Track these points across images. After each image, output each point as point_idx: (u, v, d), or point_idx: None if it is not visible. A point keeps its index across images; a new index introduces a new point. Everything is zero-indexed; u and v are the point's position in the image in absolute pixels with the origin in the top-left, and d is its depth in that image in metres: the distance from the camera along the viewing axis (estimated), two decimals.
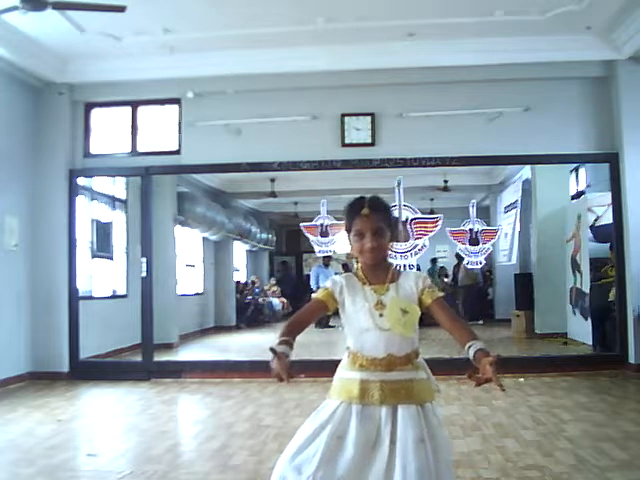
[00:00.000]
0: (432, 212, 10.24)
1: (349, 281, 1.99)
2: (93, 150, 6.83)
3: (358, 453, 1.82)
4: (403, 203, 7.50)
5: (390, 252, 2.04)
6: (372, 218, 1.94)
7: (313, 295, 2.02)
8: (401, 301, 1.93)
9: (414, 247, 7.48)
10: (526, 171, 9.56)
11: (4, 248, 6.07)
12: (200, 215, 10.47)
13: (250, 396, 5.49)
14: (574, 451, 3.51)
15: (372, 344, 1.91)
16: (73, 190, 6.66)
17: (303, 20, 5.60)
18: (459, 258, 12.97)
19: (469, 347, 1.82)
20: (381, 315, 1.91)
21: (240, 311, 12.65)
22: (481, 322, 11.45)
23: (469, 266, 8.68)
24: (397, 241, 1.97)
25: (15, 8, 4.44)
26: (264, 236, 14.83)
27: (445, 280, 13.15)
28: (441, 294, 1.98)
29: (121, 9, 4.62)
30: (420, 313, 1.95)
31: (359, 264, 2.03)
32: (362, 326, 1.93)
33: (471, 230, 7.95)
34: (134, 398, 5.53)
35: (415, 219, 7.49)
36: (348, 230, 2.01)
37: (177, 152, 6.72)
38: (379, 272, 1.99)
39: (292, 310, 14.63)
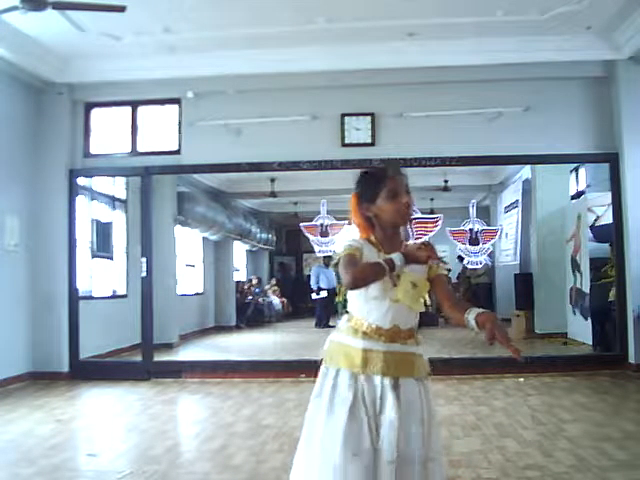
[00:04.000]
0: (432, 212, 10.23)
1: (366, 245, 1.95)
2: (93, 150, 6.83)
3: (374, 420, 1.84)
4: None
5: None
6: (402, 178, 1.95)
7: (346, 253, 1.91)
8: (412, 274, 1.91)
9: None
10: (526, 171, 9.56)
11: (4, 248, 6.07)
12: (200, 215, 10.46)
13: (250, 396, 5.49)
14: (574, 451, 3.51)
15: (379, 313, 1.90)
16: (73, 190, 6.66)
17: (303, 20, 5.60)
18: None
19: (468, 315, 1.80)
20: (394, 285, 1.89)
21: (240, 311, 12.65)
22: None
23: (469, 266, 8.67)
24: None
25: (15, 8, 4.44)
26: (264, 236, 14.82)
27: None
28: (445, 272, 1.98)
29: (121, 9, 4.62)
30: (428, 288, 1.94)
31: (372, 234, 1.98)
32: (371, 293, 1.90)
33: (471, 230, 7.95)
34: (134, 398, 5.53)
35: (415, 219, 7.49)
36: (370, 199, 1.94)
37: (177, 152, 6.72)
38: (394, 241, 1.97)
39: (292, 310, 14.65)
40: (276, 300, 14.09)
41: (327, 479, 1.83)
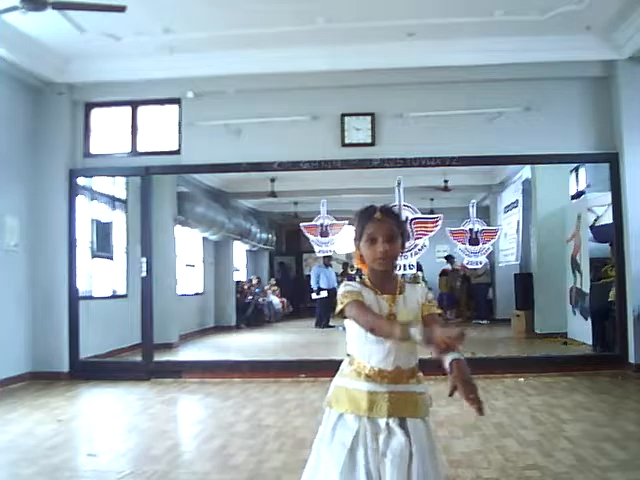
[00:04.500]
0: (432, 212, 10.23)
1: (363, 289, 1.93)
2: (93, 150, 6.83)
3: (373, 465, 1.82)
4: (403, 203, 7.49)
5: (399, 260, 2.01)
6: (385, 222, 1.92)
7: (350, 300, 1.88)
8: (409, 313, 1.91)
9: (414, 247, 7.48)
10: (526, 171, 9.56)
11: (4, 248, 6.07)
12: (200, 215, 10.47)
13: (250, 396, 5.49)
14: (574, 451, 3.51)
15: (381, 356, 1.88)
16: (73, 190, 6.66)
17: (303, 20, 5.60)
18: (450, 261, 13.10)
19: (447, 356, 1.76)
20: None
21: (240, 311, 12.65)
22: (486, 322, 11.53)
23: (469, 266, 8.68)
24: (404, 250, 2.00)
25: (15, 8, 4.44)
26: (264, 236, 14.83)
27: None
28: (438, 311, 1.98)
29: (121, 9, 4.62)
30: None
31: (366, 274, 1.98)
32: (370, 336, 1.85)
33: (471, 230, 7.95)
34: (134, 398, 5.53)
35: (415, 219, 7.49)
36: (358, 238, 1.96)
37: (177, 152, 6.72)
38: (388, 281, 1.96)
39: (292, 310, 14.67)
40: (276, 300, 14.09)
41: None
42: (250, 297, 13.12)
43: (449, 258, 13.21)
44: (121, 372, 6.54)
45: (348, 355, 1.97)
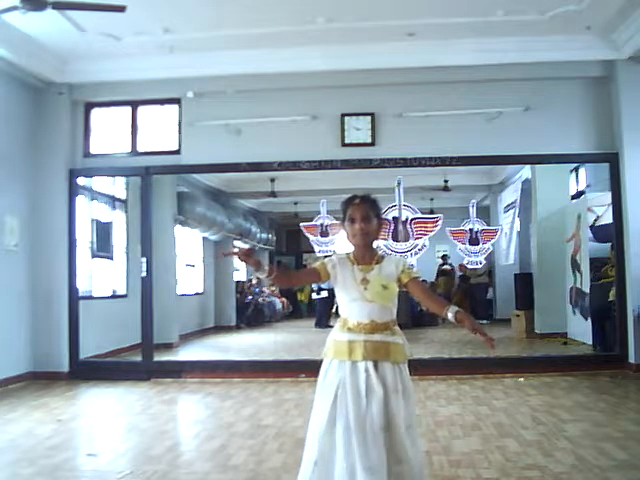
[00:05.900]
0: (432, 212, 10.23)
1: (341, 260, 2.48)
2: (93, 150, 6.83)
3: (354, 399, 2.28)
4: (403, 203, 7.50)
5: (377, 239, 2.53)
6: (362, 206, 2.45)
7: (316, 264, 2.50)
8: (382, 278, 2.41)
9: (414, 247, 7.49)
10: (526, 171, 9.56)
11: (4, 248, 6.07)
12: (200, 215, 10.46)
13: (250, 396, 5.49)
14: (574, 451, 3.51)
15: (358, 311, 2.41)
16: (73, 190, 6.66)
17: (303, 20, 5.61)
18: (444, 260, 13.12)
19: (447, 311, 2.32)
20: (365, 289, 2.41)
21: (240, 311, 12.64)
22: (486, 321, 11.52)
23: (469, 266, 8.68)
24: (383, 231, 2.81)
25: (15, 8, 4.45)
26: (264, 236, 14.82)
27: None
28: (417, 275, 2.47)
29: (121, 9, 4.62)
30: (398, 290, 2.44)
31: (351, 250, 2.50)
32: (350, 297, 2.43)
33: (471, 230, 7.95)
34: (134, 398, 5.53)
35: (415, 219, 7.50)
36: (343, 220, 2.48)
37: (177, 152, 6.72)
38: (366, 255, 2.47)
39: (292, 310, 14.68)
40: (276, 300, 14.09)
41: (314, 444, 2.31)
42: (250, 297, 13.12)
43: (444, 257, 13.26)
44: (121, 372, 6.53)
45: (339, 316, 2.49)
